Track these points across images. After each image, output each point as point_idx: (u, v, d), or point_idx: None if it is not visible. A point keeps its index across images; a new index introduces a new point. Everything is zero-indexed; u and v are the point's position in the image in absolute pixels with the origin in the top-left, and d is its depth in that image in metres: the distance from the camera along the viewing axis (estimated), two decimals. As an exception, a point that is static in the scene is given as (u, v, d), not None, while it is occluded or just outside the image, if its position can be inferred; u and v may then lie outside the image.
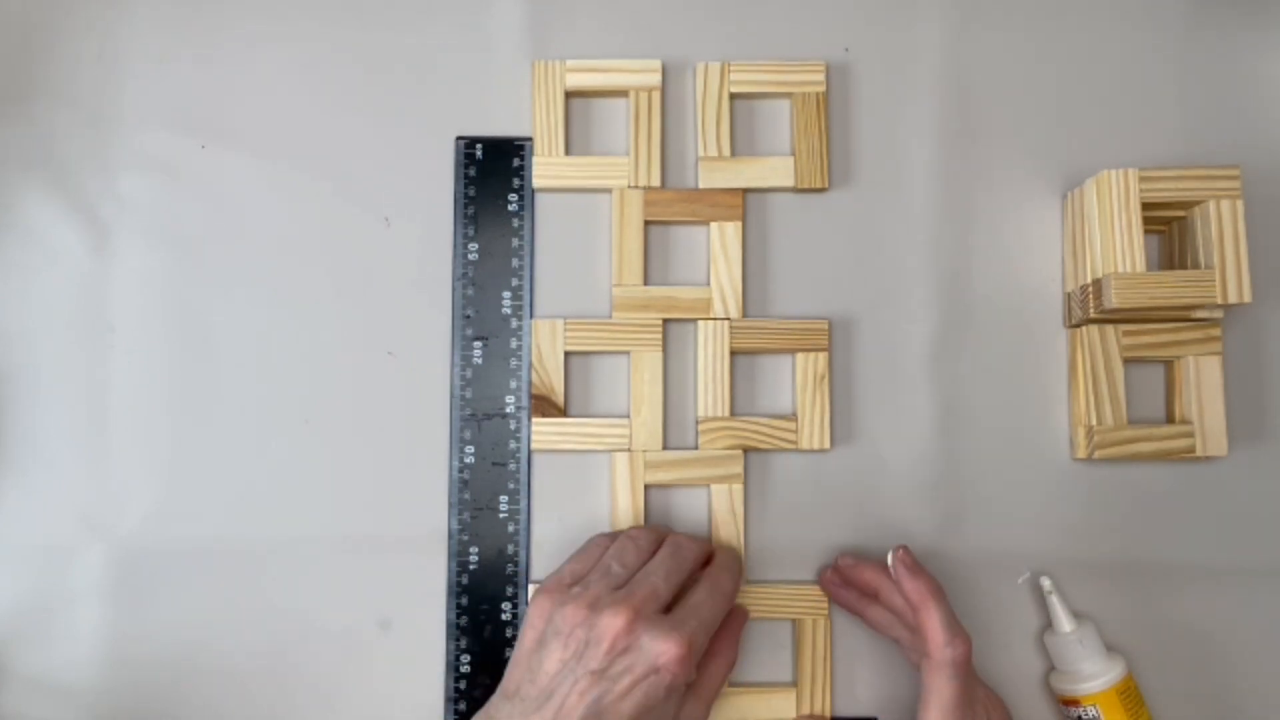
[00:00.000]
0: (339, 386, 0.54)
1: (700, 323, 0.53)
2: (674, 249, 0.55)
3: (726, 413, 0.53)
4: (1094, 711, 0.50)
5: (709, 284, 0.54)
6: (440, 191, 0.55)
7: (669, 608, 0.46)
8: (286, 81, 0.55)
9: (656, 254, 0.55)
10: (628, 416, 0.53)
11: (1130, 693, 0.50)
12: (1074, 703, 0.50)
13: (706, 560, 0.50)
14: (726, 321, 0.53)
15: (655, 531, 0.50)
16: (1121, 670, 0.50)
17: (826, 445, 0.53)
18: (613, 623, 0.43)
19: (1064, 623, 0.51)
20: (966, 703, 0.46)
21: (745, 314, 0.54)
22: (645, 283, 0.54)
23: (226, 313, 0.54)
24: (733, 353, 0.53)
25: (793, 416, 0.53)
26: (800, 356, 0.53)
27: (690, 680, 0.45)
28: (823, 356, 0.53)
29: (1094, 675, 0.50)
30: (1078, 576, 0.53)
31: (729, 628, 0.49)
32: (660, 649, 0.43)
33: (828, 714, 0.52)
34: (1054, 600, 0.51)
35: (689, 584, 0.48)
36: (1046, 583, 0.52)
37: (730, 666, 0.49)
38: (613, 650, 0.43)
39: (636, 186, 0.54)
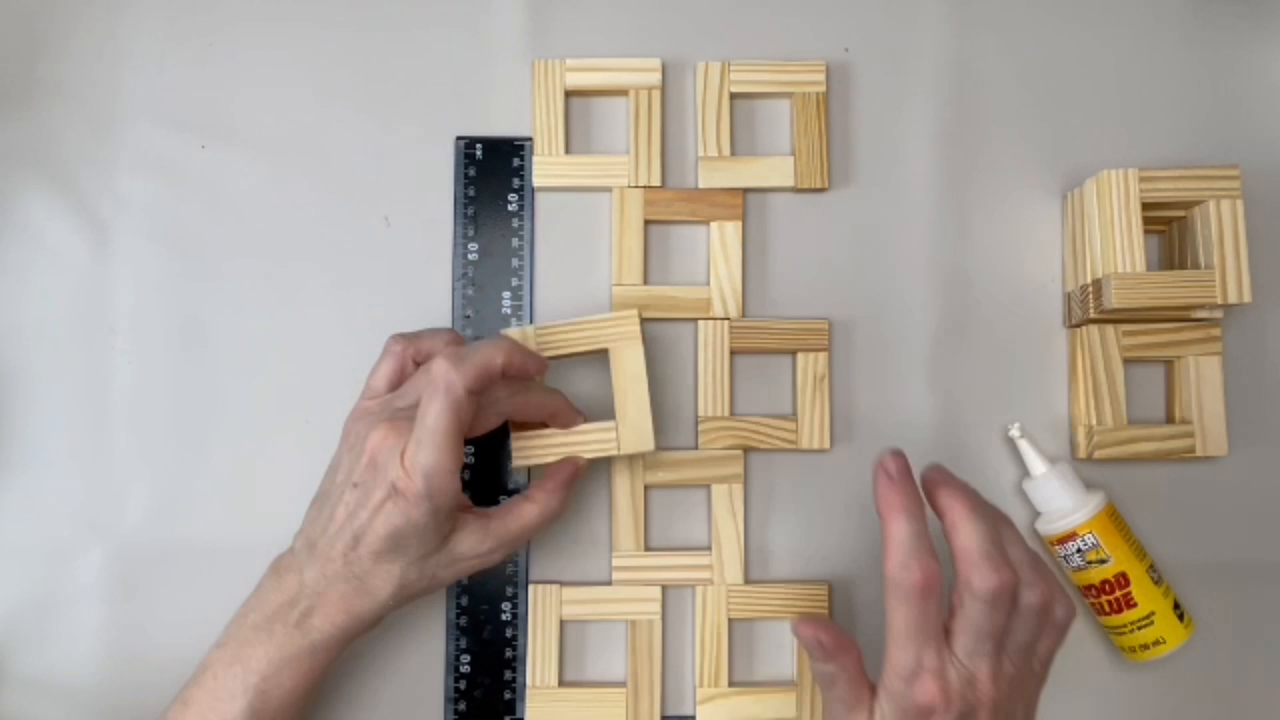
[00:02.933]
0: (339, 386, 0.53)
1: (700, 323, 0.53)
2: (674, 249, 0.55)
3: (726, 412, 0.53)
4: (1091, 539, 0.50)
5: (709, 284, 0.54)
6: (440, 191, 0.55)
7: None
8: (286, 81, 0.55)
9: (656, 253, 0.55)
10: (614, 420, 0.53)
11: (1117, 516, 0.51)
12: (1069, 537, 0.50)
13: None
14: (726, 321, 0.53)
15: (406, 346, 0.49)
16: (1104, 497, 0.51)
17: (826, 445, 0.53)
18: (371, 438, 0.45)
19: (1038, 465, 0.51)
20: (923, 638, 0.41)
21: (745, 314, 0.54)
22: (645, 282, 0.54)
23: (226, 313, 0.54)
24: (733, 352, 0.53)
25: (792, 416, 0.53)
26: (800, 356, 0.53)
27: (436, 500, 0.43)
28: (823, 356, 0.53)
29: (1082, 504, 0.50)
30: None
31: (552, 476, 0.48)
32: (396, 472, 0.44)
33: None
34: (1024, 445, 0.52)
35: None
36: (1015, 429, 0.52)
37: (543, 515, 0.47)
38: (370, 464, 0.45)
39: (637, 186, 0.54)
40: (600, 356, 0.51)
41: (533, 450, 0.50)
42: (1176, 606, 0.51)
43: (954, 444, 0.54)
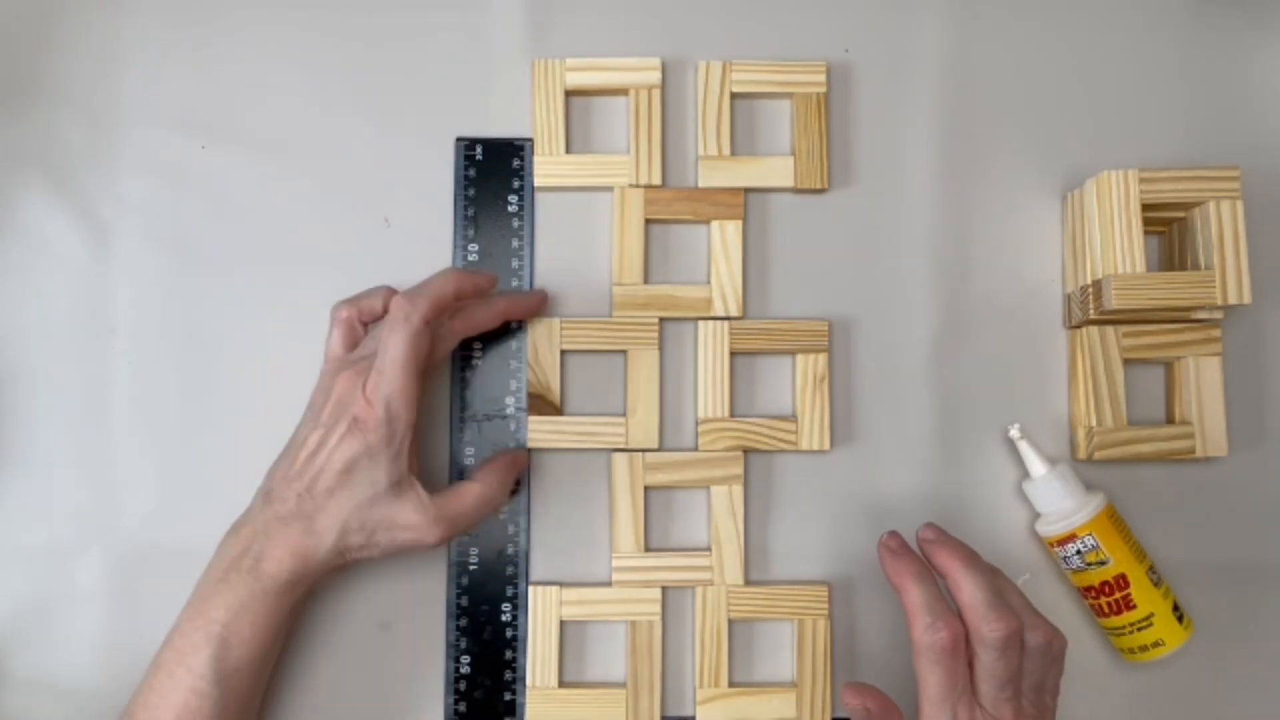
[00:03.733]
0: (339, 386, 0.54)
1: (700, 323, 0.53)
2: (674, 248, 0.55)
3: (726, 414, 0.53)
4: (1091, 540, 0.50)
5: (709, 283, 0.54)
6: (440, 191, 0.54)
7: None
8: (286, 82, 0.55)
9: (657, 253, 0.55)
10: (624, 415, 0.53)
11: (1117, 517, 0.51)
12: (1068, 539, 0.50)
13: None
14: (726, 322, 0.53)
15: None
16: (1104, 498, 0.51)
17: (826, 446, 0.53)
18: (339, 384, 0.47)
19: (1038, 466, 0.51)
20: (954, 691, 0.44)
21: (745, 313, 0.54)
22: (645, 281, 0.54)
23: (226, 313, 0.54)
24: (732, 353, 0.53)
25: (793, 417, 0.53)
26: (800, 357, 0.53)
27: (390, 438, 0.46)
28: (823, 357, 0.53)
29: (1082, 506, 0.50)
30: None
31: (495, 462, 0.51)
32: (359, 403, 0.46)
33: (829, 713, 0.52)
34: (1024, 446, 0.52)
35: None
36: (1015, 430, 0.52)
37: (482, 496, 0.49)
38: (335, 405, 0.47)
39: (637, 185, 0.54)
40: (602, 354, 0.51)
41: (547, 436, 0.52)
42: (1176, 608, 0.51)
43: (954, 444, 0.54)
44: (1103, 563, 0.50)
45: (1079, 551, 0.50)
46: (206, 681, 0.45)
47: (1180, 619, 0.51)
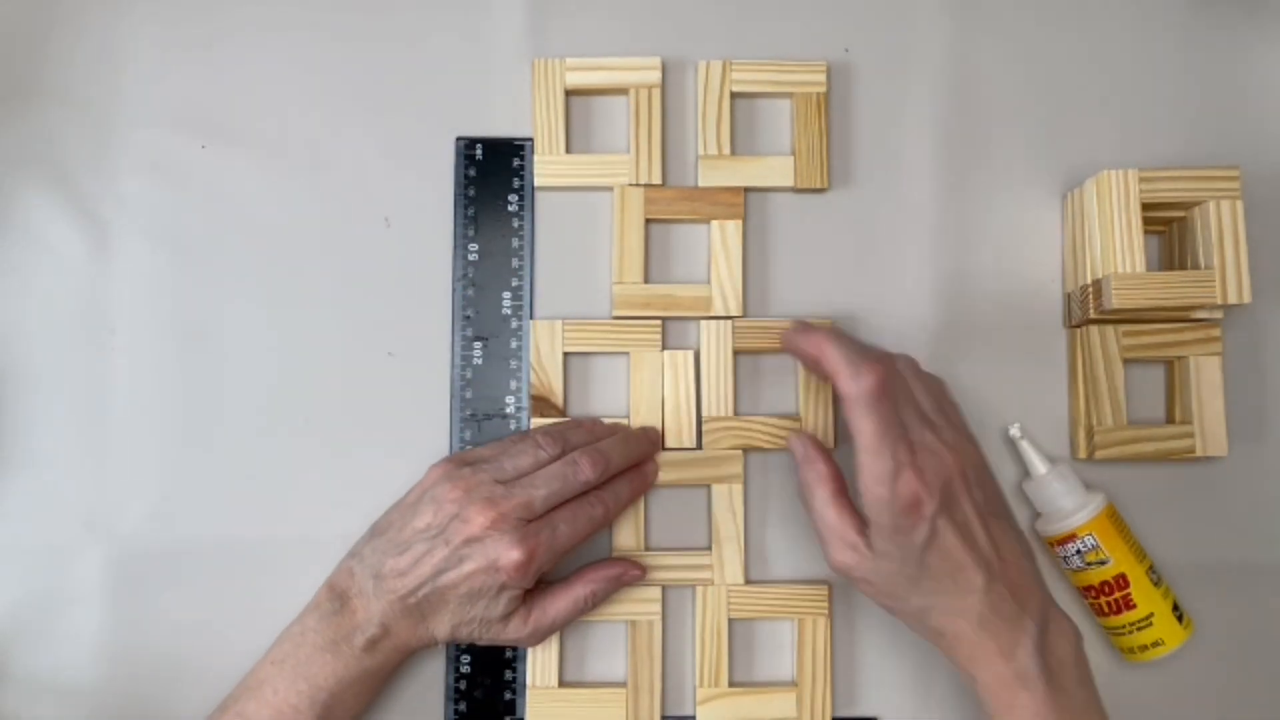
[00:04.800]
0: (339, 386, 0.54)
1: (703, 322, 0.53)
2: (674, 247, 0.55)
3: (730, 413, 0.53)
4: (1091, 540, 0.50)
5: (709, 282, 0.54)
6: (440, 191, 0.54)
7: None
8: (287, 82, 0.55)
9: (657, 252, 0.55)
10: (627, 417, 0.53)
11: (1117, 517, 0.51)
12: (1069, 539, 0.51)
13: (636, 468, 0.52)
14: (729, 321, 0.53)
15: (562, 441, 0.50)
16: (1104, 498, 0.51)
17: (830, 446, 0.53)
18: (478, 515, 0.47)
19: (1038, 465, 0.51)
20: (892, 439, 0.44)
21: (746, 312, 0.54)
22: (645, 281, 0.54)
23: (226, 313, 0.54)
24: (736, 352, 0.53)
25: (796, 416, 0.53)
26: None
27: (524, 587, 0.48)
28: None
29: (1082, 505, 0.50)
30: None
31: (592, 570, 0.51)
32: (503, 552, 0.46)
33: (829, 712, 0.52)
34: (1025, 445, 0.52)
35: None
36: (1015, 430, 0.52)
37: (575, 608, 0.50)
38: (469, 538, 0.47)
39: (637, 184, 0.54)
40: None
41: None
42: (1176, 608, 0.51)
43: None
44: (1102, 562, 0.50)
45: (1079, 551, 0.50)
46: None
47: (1180, 619, 0.51)
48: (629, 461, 0.51)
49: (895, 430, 0.44)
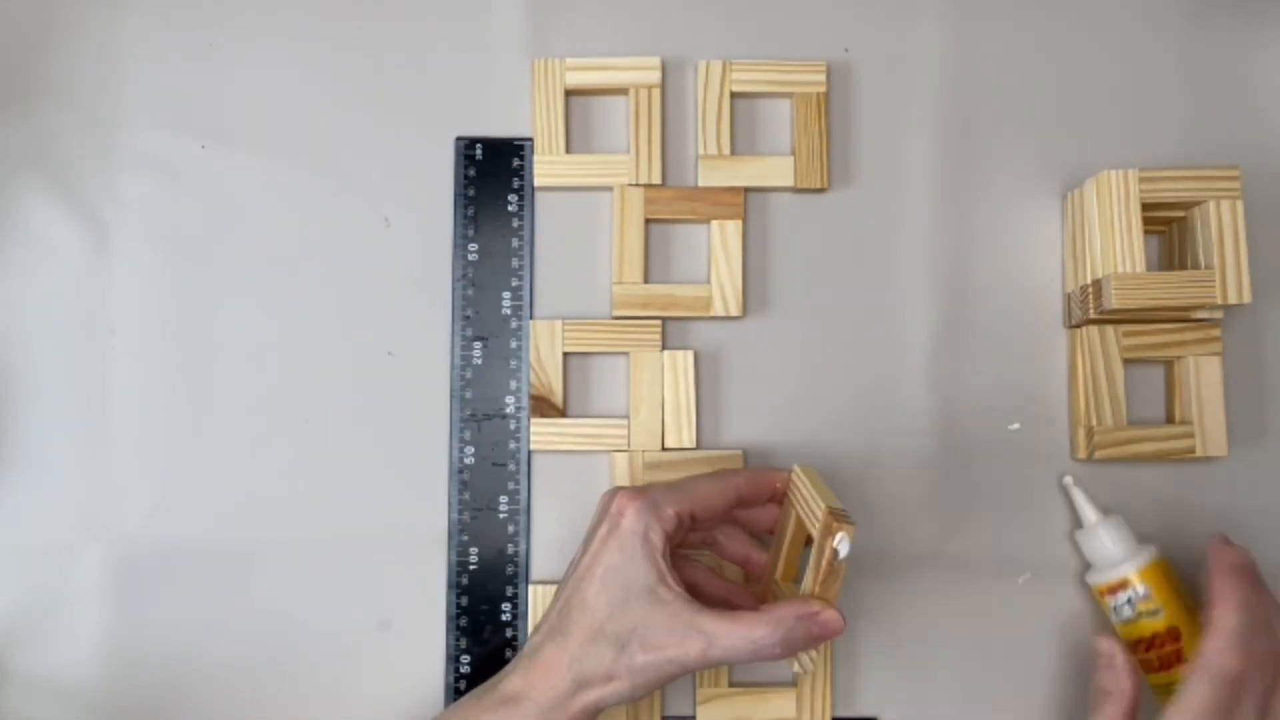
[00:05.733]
0: (339, 386, 0.54)
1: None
2: (674, 247, 0.55)
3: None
4: (1144, 590, 0.49)
5: (709, 282, 0.54)
6: (440, 191, 0.54)
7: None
8: (286, 81, 0.55)
9: (657, 252, 0.55)
10: (627, 417, 0.53)
11: (1169, 572, 0.50)
12: (1120, 586, 0.49)
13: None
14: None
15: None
16: (1155, 550, 0.50)
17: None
18: (620, 497, 0.46)
19: (1090, 514, 0.51)
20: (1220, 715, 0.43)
21: (745, 313, 0.54)
22: (645, 281, 0.54)
23: (226, 313, 0.54)
24: None
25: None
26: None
27: (651, 531, 0.44)
28: None
29: (1134, 554, 0.50)
30: (1078, 577, 0.53)
31: (778, 608, 0.43)
32: (622, 502, 0.45)
33: (829, 712, 0.52)
34: (1077, 494, 0.52)
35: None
36: (1069, 479, 0.52)
37: (750, 646, 0.43)
38: (612, 517, 0.45)
39: (637, 184, 0.54)
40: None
41: (550, 438, 0.53)
42: None
43: (954, 445, 0.54)
44: (1154, 613, 0.49)
45: (1129, 600, 0.49)
46: None
47: None
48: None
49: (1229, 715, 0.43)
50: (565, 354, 0.53)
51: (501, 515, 0.53)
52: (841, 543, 0.43)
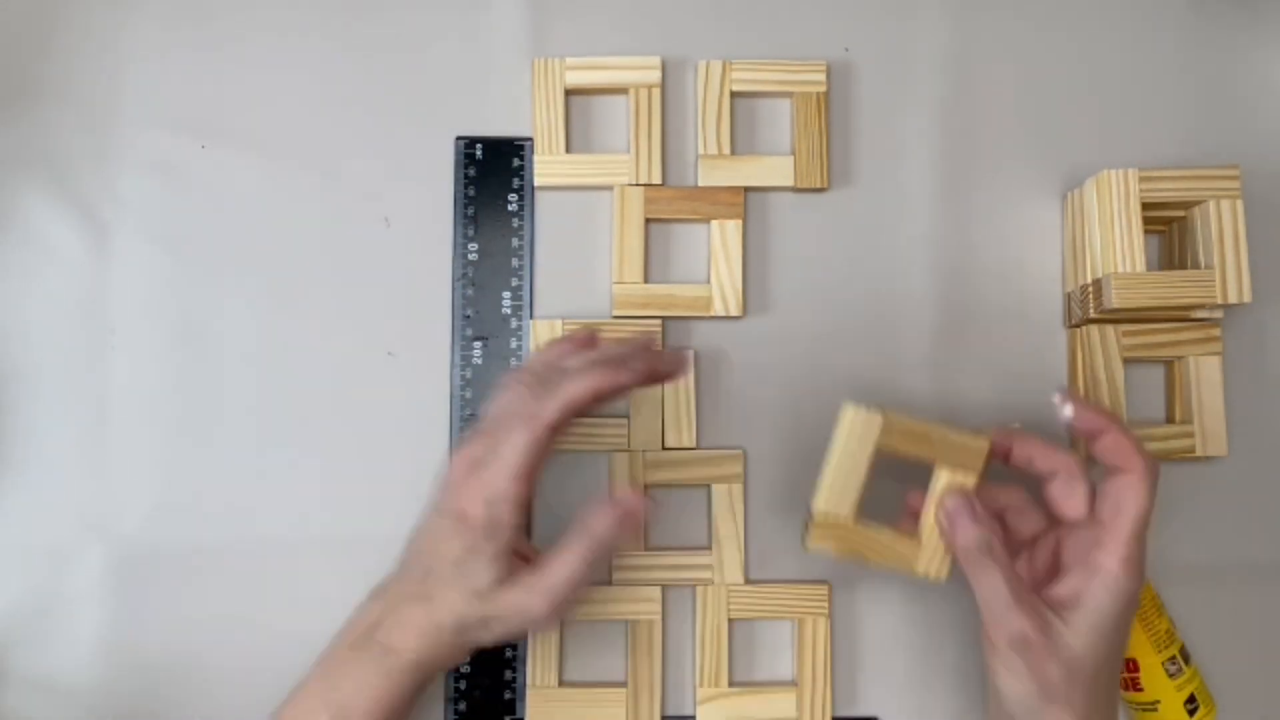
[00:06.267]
0: (339, 386, 0.54)
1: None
2: (675, 247, 0.55)
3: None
4: None
5: (709, 282, 0.54)
6: (440, 191, 0.55)
7: None
8: (286, 81, 0.55)
9: (657, 252, 0.55)
10: (627, 417, 0.53)
11: (1145, 604, 0.50)
12: None
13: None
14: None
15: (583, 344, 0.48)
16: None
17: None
18: (456, 464, 0.45)
19: None
20: (1146, 525, 0.44)
21: (745, 313, 0.54)
22: (645, 281, 0.54)
23: (226, 313, 0.54)
24: None
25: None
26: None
27: (502, 537, 0.44)
28: None
29: None
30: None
31: (586, 520, 0.45)
32: (466, 499, 0.44)
33: (829, 712, 0.52)
34: None
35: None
36: None
37: (579, 565, 0.44)
38: (449, 488, 0.45)
39: (637, 184, 0.54)
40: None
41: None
42: (1192, 700, 0.50)
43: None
44: None
45: None
46: None
47: (1194, 711, 0.50)
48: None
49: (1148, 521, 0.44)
50: (565, 354, 0.53)
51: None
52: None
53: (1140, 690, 0.50)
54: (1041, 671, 0.42)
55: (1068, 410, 0.46)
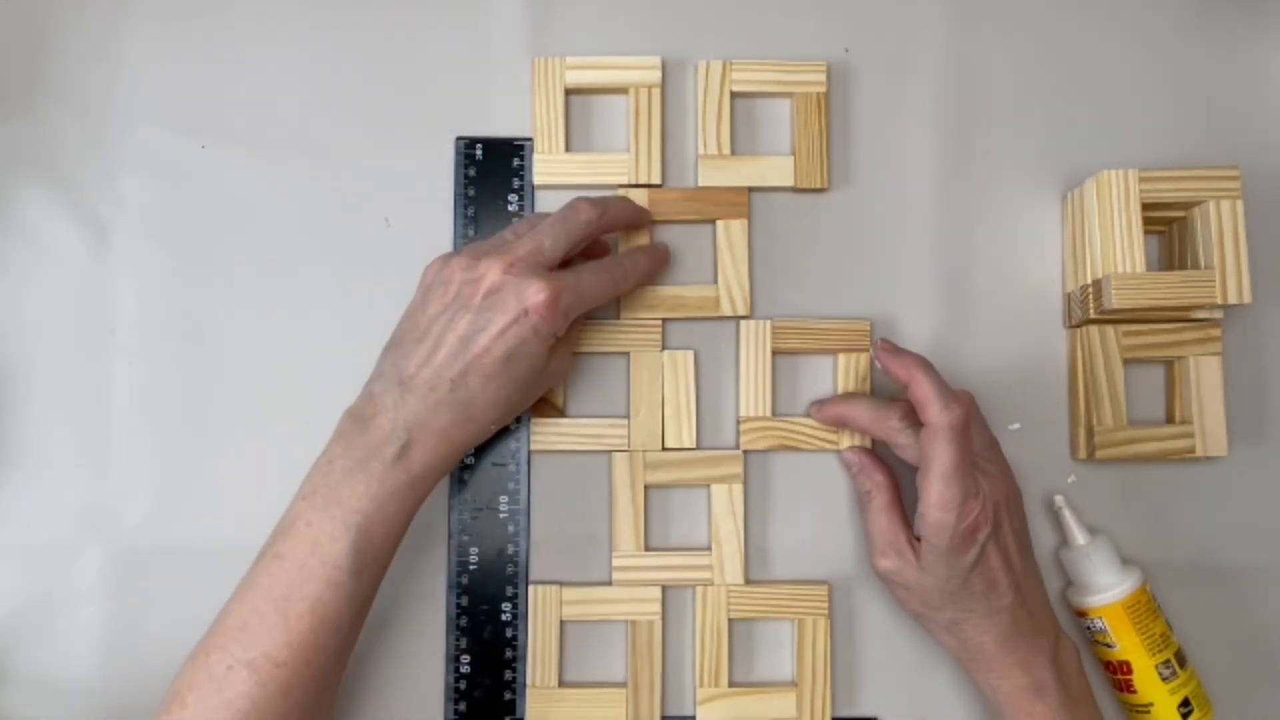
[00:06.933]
0: (339, 387, 0.53)
1: (741, 323, 0.53)
2: (677, 248, 0.55)
3: (767, 412, 0.53)
4: (1100, 624, 0.50)
5: (715, 282, 0.54)
6: (440, 191, 0.54)
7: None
8: (286, 81, 0.55)
9: (657, 254, 0.55)
10: (627, 417, 0.53)
11: (1140, 606, 0.50)
12: (1082, 614, 0.51)
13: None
14: (768, 322, 0.53)
15: (597, 210, 0.50)
16: (1132, 584, 0.50)
17: (874, 442, 0.53)
18: (491, 265, 0.46)
19: (1077, 537, 0.52)
20: (966, 468, 0.46)
21: (753, 313, 0.54)
22: (651, 283, 0.54)
23: (226, 313, 0.54)
24: (774, 353, 0.53)
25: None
26: (842, 357, 0.53)
27: (557, 332, 0.47)
28: (864, 357, 0.53)
29: (1103, 588, 0.50)
30: (1078, 576, 0.53)
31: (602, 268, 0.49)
32: (530, 291, 0.45)
33: (829, 712, 0.52)
34: (1066, 515, 0.52)
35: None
36: (1059, 499, 0.52)
37: (609, 280, 0.49)
38: (490, 291, 0.46)
39: (637, 184, 0.54)
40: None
41: (550, 438, 0.53)
42: (1186, 704, 0.50)
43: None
44: (1109, 645, 0.50)
45: (1088, 628, 0.51)
46: (344, 572, 0.44)
47: (1188, 715, 0.50)
48: (628, 217, 0.52)
49: (969, 461, 0.46)
50: (565, 354, 0.53)
51: (501, 515, 0.53)
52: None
53: (1134, 693, 0.50)
54: (906, 599, 0.50)
55: (879, 360, 0.49)
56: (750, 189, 0.54)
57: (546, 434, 0.53)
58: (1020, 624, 0.47)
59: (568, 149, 0.54)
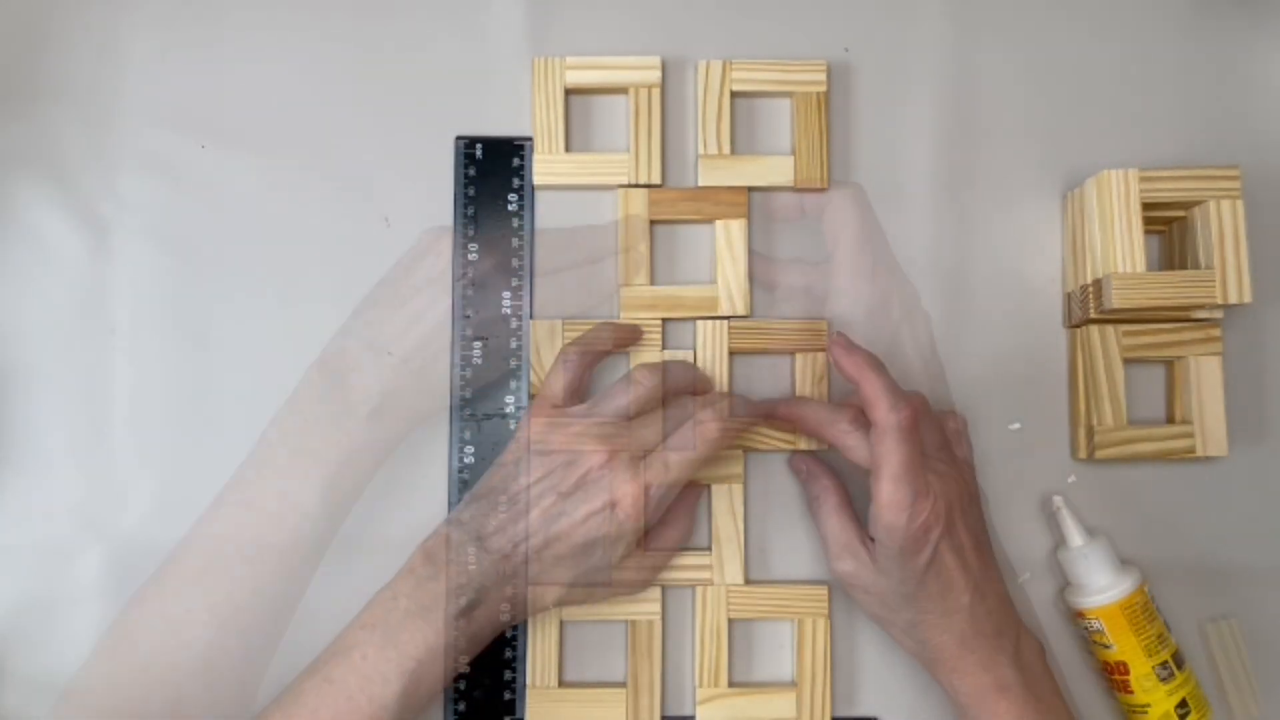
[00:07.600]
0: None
1: (699, 322, 0.53)
2: (678, 248, 0.55)
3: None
4: (1098, 625, 0.50)
5: (715, 282, 0.54)
6: (440, 191, 0.54)
7: None
8: (286, 81, 0.55)
9: (661, 253, 0.55)
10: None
11: (1137, 608, 0.50)
12: (1080, 615, 0.51)
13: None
14: (725, 321, 0.53)
15: (660, 372, 0.50)
16: (1130, 586, 0.50)
17: (826, 444, 0.53)
18: (594, 454, 0.47)
19: (1074, 537, 0.52)
20: (915, 468, 0.46)
21: (752, 312, 0.54)
22: (651, 283, 0.54)
23: (226, 312, 0.54)
24: (731, 353, 0.53)
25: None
26: (799, 357, 0.53)
27: (640, 529, 0.47)
28: (821, 356, 0.53)
29: (1100, 589, 0.50)
30: (1078, 576, 0.53)
31: (684, 500, 0.51)
32: (621, 488, 0.46)
33: (829, 712, 0.52)
34: (1064, 516, 0.52)
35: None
36: (1057, 500, 0.52)
37: (682, 536, 0.51)
38: (583, 480, 0.47)
39: (637, 184, 0.54)
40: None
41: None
42: (1184, 705, 0.50)
43: (954, 444, 0.54)
44: (1106, 646, 0.50)
45: (1087, 629, 0.51)
46: (390, 715, 0.45)
47: (1185, 716, 0.50)
48: (688, 384, 0.52)
49: (918, 462, 0.46)
50: (565, 354, 0.53)
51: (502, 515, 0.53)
52: None
53: (1131, 693, 0.50)
54: (865, 602, 0.50)
55: (832, 354, 0.49)
56: (750, 189, 0.54)
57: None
58: (979, 623, 0.47)
59: (568, 149, 0.54)
